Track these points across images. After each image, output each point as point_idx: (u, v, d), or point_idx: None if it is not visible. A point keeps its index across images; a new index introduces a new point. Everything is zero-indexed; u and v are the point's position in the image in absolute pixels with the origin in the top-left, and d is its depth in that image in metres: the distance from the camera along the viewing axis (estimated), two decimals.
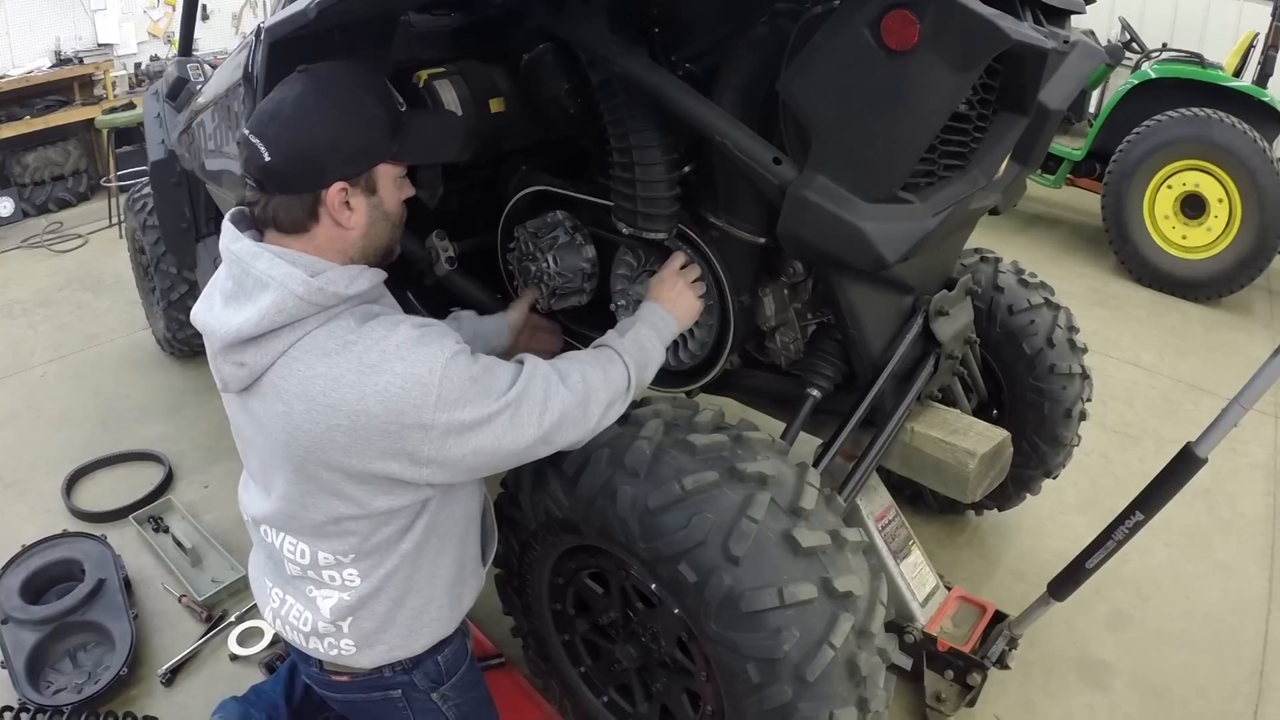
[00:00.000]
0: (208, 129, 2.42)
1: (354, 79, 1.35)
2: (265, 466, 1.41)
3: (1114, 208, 4.74)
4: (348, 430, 1.26)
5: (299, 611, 1.50)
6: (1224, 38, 5.77)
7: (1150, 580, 2.58)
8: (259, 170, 1.28)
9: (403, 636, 1.50)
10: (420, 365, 1.26)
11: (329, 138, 1.28)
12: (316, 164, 1.28)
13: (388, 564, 1.43)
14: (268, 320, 1.26)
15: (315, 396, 1.26)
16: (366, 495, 1.34)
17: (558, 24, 1.64)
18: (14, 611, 2.26)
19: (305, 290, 1.25)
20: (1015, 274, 2.42)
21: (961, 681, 2.02)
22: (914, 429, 1.90)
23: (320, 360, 1.27)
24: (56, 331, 4.08)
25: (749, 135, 1.51)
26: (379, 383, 1.24)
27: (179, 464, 3.05)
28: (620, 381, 1.51)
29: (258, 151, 1.26)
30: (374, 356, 1.26)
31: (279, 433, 1.31)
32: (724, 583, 1.35)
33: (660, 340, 1.64)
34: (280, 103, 1.30)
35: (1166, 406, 3.57)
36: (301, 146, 1.27)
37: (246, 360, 1.30)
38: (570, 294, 2.04)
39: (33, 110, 5.55)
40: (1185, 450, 1.60)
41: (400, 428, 1.25)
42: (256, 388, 1.33)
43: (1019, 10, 1.48)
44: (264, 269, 1.27)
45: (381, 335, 1.28)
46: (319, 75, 1.33)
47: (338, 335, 1.28)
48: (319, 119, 1.28)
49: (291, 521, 1.41)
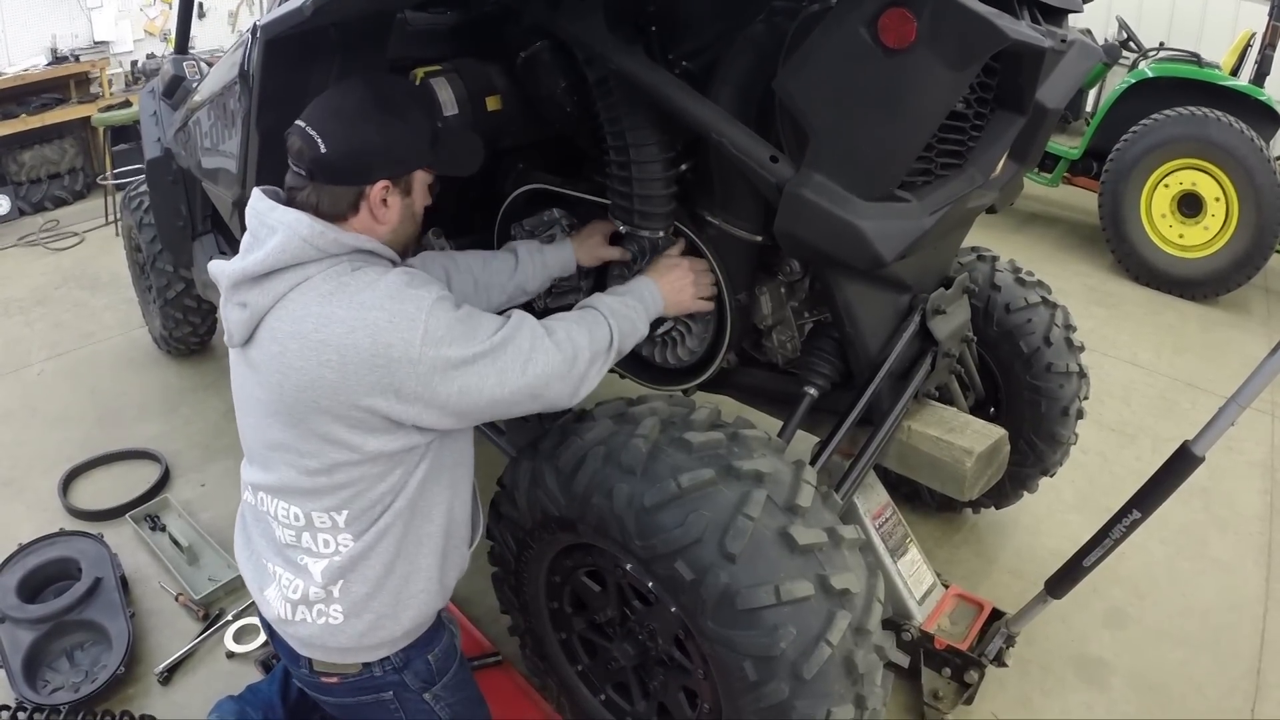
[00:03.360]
0: (204, 127, 2.42)
1: (407, 90, 1.53)
2: (260, 424, 1.46)
3: (1111, 206, 4.74)
4: (336, 365, 1.32)
5: (289, 579, 1.51)
6: (1221, 37, 5.77)
7: (1147, 578, 2.58)
8: (312, 161, 1.38)
9: (390, 605, 1.51)
10: (408, 303, 1.34)
11: (382, 140, 1.40)
12: (367, 162, 1.40)
13: (381, 522, 1.46)
14: (271, 259, 1.35)
15: (307, 334, 1.34)
16: (358, 437, 1.38)
17: (554, 21, 1.64)
18: (10, 610, 2.26)
19: (309, 232, 1.35)
20: (1012, 272, 2.42)
21: (959, 679, 2.03)
22: (911, 427, 1.90)
23: (314, 301, 1.35)
24: (53, 330, 4.07)
25: (746, 133, 1.51)
26: (368, 318, 1.32)
27: (175, 462, 3.05)
28: (603, 341, 1.56)
29: (314, 143, 1.37)
30: (365, 296, 1.34)
31: (273, 374, 1.38)
32: (720, 580, 1.35)
33: (646, 315, 1.67)
34: (341, 102, 1.42)
35: (1164, 405, 3.57)
36: (356, 144, 1.39)
37: (249, 300, 1.38)
38: (567, 292, 2.03)
39: (29, 108, 5.53)
40: (1182, 449, 1.60)
41: (388, 361, 1.32)
42: (256, 337, 1.41)
43: (1016, 9, 1.48)
44: (277, 216, 1.38)
45: (373, 278, 1.37)
46: (377, 83, 1.47)
47: (333, 278, 1.37)
48: (375, 122, 1.40)
49: (287, 477, 1.44)
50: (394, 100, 1.44)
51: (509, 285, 1.86)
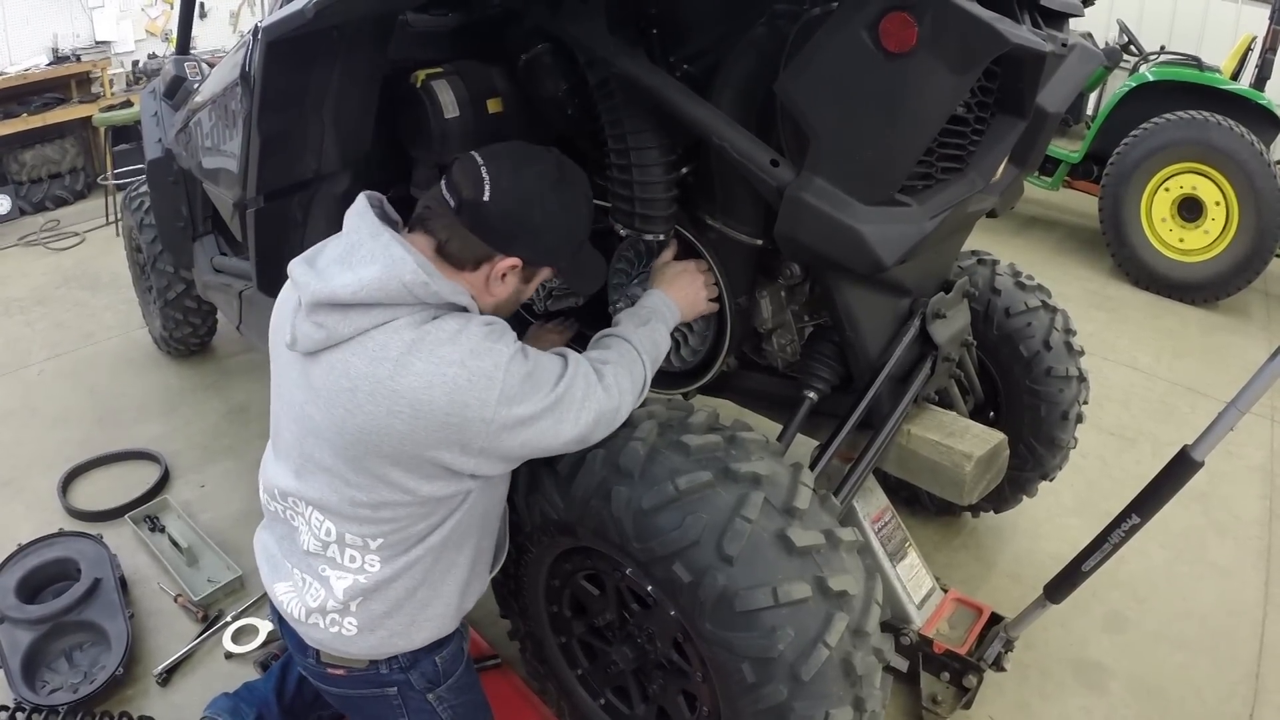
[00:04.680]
0: (205, 128, 2.42)
1: (584, 192, 1.49)
2: (306, 438, 1.41)
3: (1111, 210, 4.75)
4: (408, 418, 1.29)
5: (307, 584, 1.50)
6: (1222, 41, 5.77)
7: (1147, 583, 2.58)
8: (470, 202, 1.35)
9: (404, 626, 1.51)
10: (487, 360, 1.31)
11: (540, 222, 1.39)
12: (514, 233, 1.38)
13: (412, 554, 1.45)
14: (365, 292, 1.29)
15: (382, 379, 1.29)
16: (413, 482, 1.37)
17: (555, 24, 1.64)
18: (9, 611, 2.26)
19: (412, 278, 1.30)
20: (1012, 276, 2.42)
21: (957, 683, 2.03)
22: (911, 431, 1.90)
23: (395, 346, 1.30)
24: (53, 330, 4.07)
25: (747, 137, 1.51)
26: (447, 374, 1.29)
27: (175, 463, 3.05)
28: (640, 379, 1.56)
29: (481, 186, 1.35)
30: (446, 351, 1.30)
31: (337, 409, 1.33)
32: (718, 582, 1.35)
33: (667, 331, 1.67)
34: (524, 164, 1.40)
35: (1163, 409, 3.57)
36: (516, 211, 1.37)
37: (329, 325, 1.32)
38: (566, 295, 2.03)
39: (30, 108, 5.53)
40: (1182, 453, 1.60)
41: (462, 420, 1.30)
42: (325, 356, 1.35)
43: (1017, 13, 1.48)
44: (382, 246, 1.32)
45: (455, 329, 1.33)
46: (566, 167, 1.46)
47: (416, 325, 1.32)
48: (543, 202, 1.39)
49: (328, 498, 1.41)
50: (572, 193, 1.44)
51: None
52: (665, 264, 1.78)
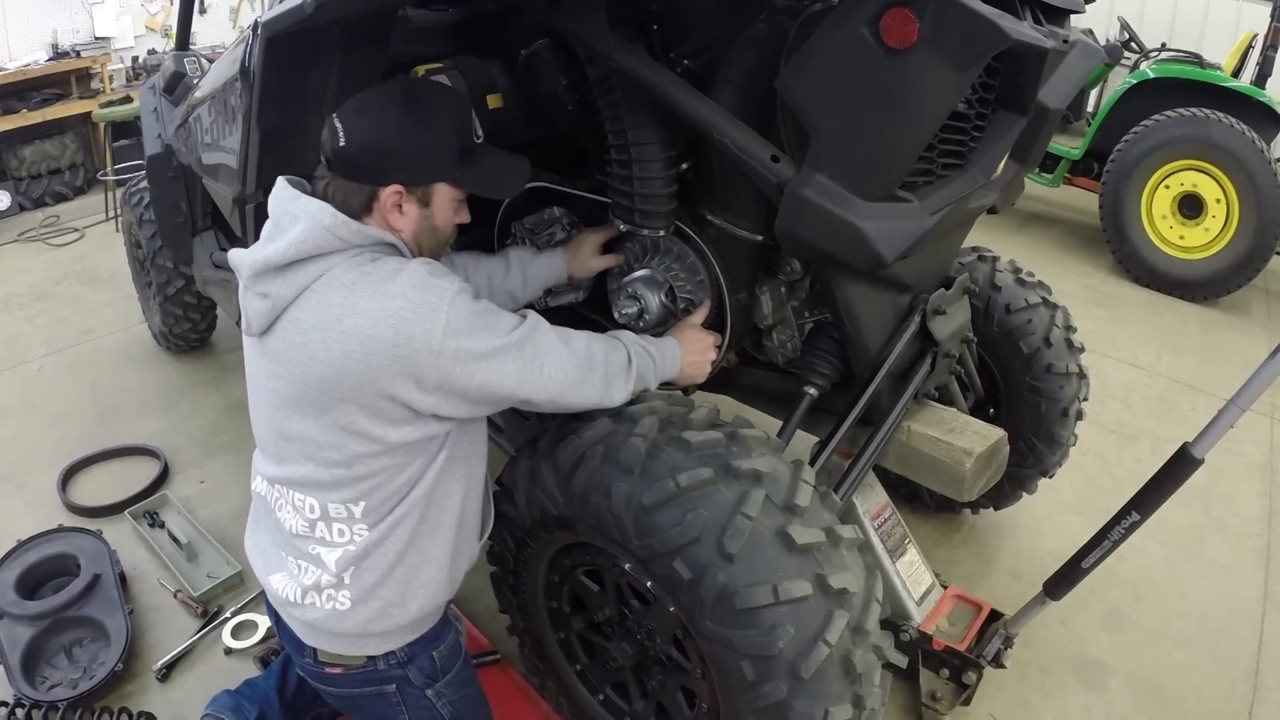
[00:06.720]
0: (204, 123, 2.41)
1: (442, 101, 1.48)
2: (275, 415, 1.45)
3: (1112, 207, 4.74)
4: (359, 356, 1.32)
5: (301, 566, 1.51)
6: (1223, 38, 5.77)
7: (1146, 580, 2.58)
8: (332, 152, 1.40)
9: (398, 594, 1.51)
10: (430, 292, 1.34)
11: (399, 144, 1.40)
12: (380, 163, 1.40)
13: (397, 512, 1.46)
14: (294, 249, 1.35)
15: (330, 324, 1.33)
16: (380, 429, 1.39)
17: (556, 19, 1.63)
18: (9, 606, 2.26)
19: (332, 222, 1.35)
20: (1013, 273, 2.42)
21: (957, 680, 2.03)
22: (911, 428, 1.89)
23: (337, 291, 1.35)
24: (53, 326, 4.07)
25: (747, 133, 1.50)
26: (390, 307, 1.32)
27: (175, 459, 3.05)
28: (620, 362, 1.56)
29: (337, 135, 1.39)
30: (387, 286, 1.34)
31: (296, 365, 1.37)
32: (718, 579, 1.35)
33: (659, 374, 1.67)
34: (370, 100, 1.43)
35: (1163, 406, 3.57)
36: (373, 143, 1.39)
37: (270, 291, 1.38)
38: (566, 291, 2.03)
39: (29, 104, 5.53)
40: (1182, 450, 1.60)
41: (410, 351, 1.32)
42: (276, 326, 1.40)
43: (1018, 9, 1.48)
44: (300, 206, 1.39)
45: (395, 267, 1.37)
46: (412, 87, 1.47)
47: (354, 268, 1.37)
48: (396, 125, 1.40)
49: (306, 472, 1.44)
50: (424, 107, 1.43)
51: (499, 289, 1.86)
52: (691, 324, 1.79)
